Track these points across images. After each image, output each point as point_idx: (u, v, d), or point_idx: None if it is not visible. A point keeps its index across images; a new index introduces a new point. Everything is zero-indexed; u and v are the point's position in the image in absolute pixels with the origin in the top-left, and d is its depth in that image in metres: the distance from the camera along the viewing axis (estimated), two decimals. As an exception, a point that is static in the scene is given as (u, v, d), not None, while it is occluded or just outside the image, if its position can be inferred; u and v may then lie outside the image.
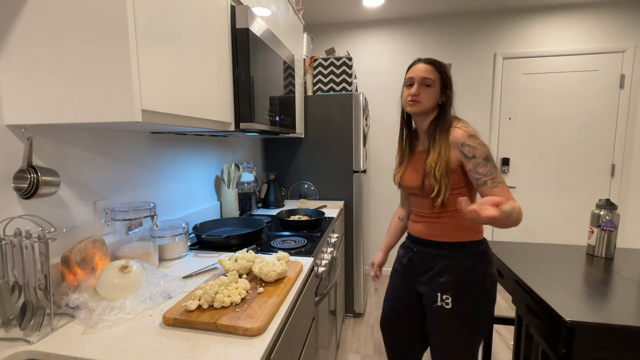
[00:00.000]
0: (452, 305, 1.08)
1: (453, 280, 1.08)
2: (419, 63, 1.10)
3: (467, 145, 1.01)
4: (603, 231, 1.33)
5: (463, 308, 1.07)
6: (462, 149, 1.02)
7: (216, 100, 1.04)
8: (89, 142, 0.99)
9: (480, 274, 1.08)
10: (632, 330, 0.87)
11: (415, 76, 1.08)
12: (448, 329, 1.09)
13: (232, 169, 1.77)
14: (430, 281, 1.12)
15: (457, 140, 1.03)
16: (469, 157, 1.01)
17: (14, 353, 0.65)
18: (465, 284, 1.07)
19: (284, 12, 1.80)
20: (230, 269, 0.98)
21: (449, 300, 1.08)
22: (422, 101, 1.07)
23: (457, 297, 1.07)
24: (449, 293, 1.08)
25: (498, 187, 0.98)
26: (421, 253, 1.17)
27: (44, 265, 0.72)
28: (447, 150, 1.03)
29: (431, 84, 1.07)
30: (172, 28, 0.81)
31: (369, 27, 3.02)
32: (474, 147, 1.01)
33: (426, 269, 1.15)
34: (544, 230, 2.96)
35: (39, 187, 0.77)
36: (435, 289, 1.11)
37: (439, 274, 1.11)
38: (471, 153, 1.01)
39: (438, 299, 1.10)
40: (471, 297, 1.07)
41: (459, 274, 1.08)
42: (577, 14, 2.71)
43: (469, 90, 2.93)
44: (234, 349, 0.65)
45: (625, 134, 2.72)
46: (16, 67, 0.73)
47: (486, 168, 0.99)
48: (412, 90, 1.08)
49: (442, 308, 1.09)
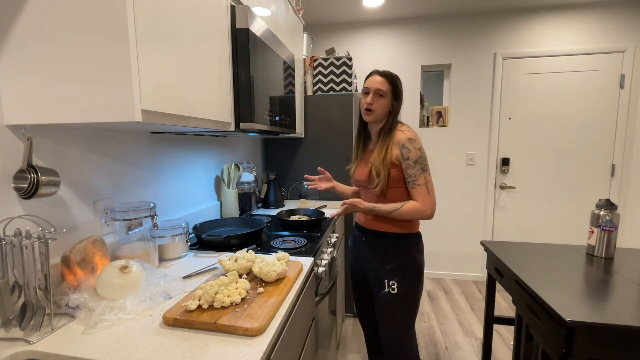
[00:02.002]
0: (397, 291, 1.24)
1: (398, 266, 1.24)
2: (375, 75, 1.24)
3: (405, 147, 1.19)
4: (603, 231, 1.33)
5: (406, 291, 1.25)
6: (401, 150, 1.19)
7: (216, 100, 1.04)
8: (89, 142, 0.99)
9: (418, 262, 1.26)
10: (632, 330, 0.87)
11: (370, 87, 1.23)
12: (394, 311, 1.26)
13: (232, 169, 1.77)
14: (377, 269, 1.28)
15: (399, 141, 1.20)
16: (405, 158, 1.19)
17: (14, 353, 0.65)
18: (407, 271, 1.24)
19: (284, 12, 1.80)
20: (230, 269, 0.98)
21: (394, 285, 1.24)
22: (375, 110, 1.23)
23: (402, 283, 1.24)
24: (395, 279, 1.24)
25: (415, 188, 1.20)
26: (368, 242, 1.32)
27: (44, 265, 0.72)
28: (390, 147, 1.21)
29: (384, 95, 1.22)
30: (172, 28, 0.81)
31: (369, 27, 3.02)
32: (409, 149, 1.18)
33: (373, 257, 1.30)
34: (544, 230, 2.96)
35: (39, 187, 0.77)
36: (382, 276, 1.26)
37: (385, 262, 1.26)
38: (406, 155, 1.19)
39: (385, 285, 1.25)
40: (412, 282, 1.25)
41: (402, 262, 1.24)
42: (577, 14, 2.71)
43: (469, 90, 2.93)
44: (234, 349, 0.65)
45: (625, 134, 2.72)
46: (16, 67, 0.73)
47: (413, 170, 1.18)
48: (367, 99, 1.23)
49: (389, 294, 1.25)
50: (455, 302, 2.69)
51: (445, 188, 3.07)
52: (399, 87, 1.25)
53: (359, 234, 1.37)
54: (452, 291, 2.90)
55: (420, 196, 1.19)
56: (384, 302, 1.27)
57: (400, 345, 1.28)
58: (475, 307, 2.62)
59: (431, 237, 3.15)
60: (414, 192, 1.20)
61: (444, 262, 3.16)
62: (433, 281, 3.11)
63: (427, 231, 3.14)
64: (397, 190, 1.23)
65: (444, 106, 3.04)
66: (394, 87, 1.24)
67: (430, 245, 3.16)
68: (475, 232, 3.07)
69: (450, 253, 3.14)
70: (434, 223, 3.13)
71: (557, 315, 0.93)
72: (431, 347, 2.10)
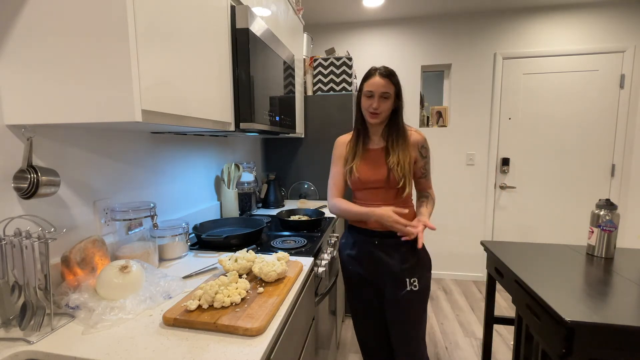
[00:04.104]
0: (419, 287, 1.22)
1: (416, 263, 1.23)
2: (377, 76, 1.21)
3: (424, 147, 1.29)
4: (603, 231, 1.33)
5: (426, 284, 1.25)
6: (420, 150, 1.27)
7: (216, 100, 1.04)
8: (89, 142, 0.99)
9: (428, 254, 1.29)
10: (632, 330, 0.87)
11: (374, 90, 1.20)
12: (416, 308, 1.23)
13: (232, 169, 1.77)
14: (394, 270, 1.24)
15: (418, 142, 1.27)
16: (424, 156, 1.28)
17: (14, 353, 0.65)
18: (424, 265, 1.25)
19: (284, 12, 1.80)
20: (230, 269, 0.98)
21: (415, 282, 1.22)
22: (382, 112, 1.22)
23: (422, 278, 1.23)
24: (416, 275, 1.23)
25: (426, 178, 1.32)
26: (382, 245, 1.26)
27: (44, 265, 0.72)
28: (409, 149, 1.25)
29: (388, 97, 1.21)
30: (172, 28, 0.81)
31: (369, 27, 3.02)
32: (427, 148, 1.30)
33: (390, 258, 1.25)
34: (544, 230, 2.96)
35: (39, 187, 0.77)
36: (402, 276, 1.23)
37: (404, 260, 1.24)
38: (425, 154, 1.29)
39: (407, 284, 1.22)
40: (428, 274, 1.27)
41: (418, 257, 1.25)
42: (577, 14, 2.71)
43: (469, 90, 2.93)
44: (234, 349, 0.65)
45: (625, 134, 2.72)
46: (16, 67, 0.73)
47: (429, 165, 1.32)
48: (373, 103, 1.21)
49: (411, 292, 1.22)
50: (455, 302, 2.69)
51: (445, 188, 3.07)
52: (399, 84, 1.25)
53: (367, 239, 1.28)
54: (452, 291, 2.89)
55: (429, 183, 1.33)
56: (404, 301, 1.22)
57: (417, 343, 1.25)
58: (475, 307, 2.62)
59: (431, 237, 3.15)
60: (425, 181, 1.32)
61: (444, 262, 3.15)
62: (433, 281, 3.11)
63: (427, 231, 3.14)
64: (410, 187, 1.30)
65: (444, 106, 3.04)
66: (397, 86, 1.23)
67: (430, 245, 3.16)
68: (475, 232, 3.07)
69: (450, 253, 3.14)
70: (434, 223, 3.13)
71: (557, 315, 0.93)
72: (431, 347, 2.10)
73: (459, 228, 3.09)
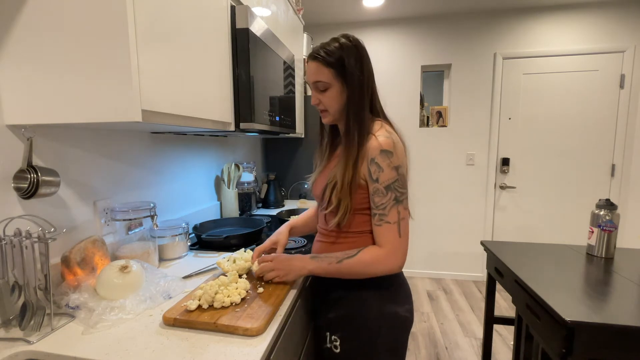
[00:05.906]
0: (340, 349, 0.86)
1: (343, 315, 0.87)
2: (309, 62, 0.86)
3: (375, 163, 0.79)
4: (603, 231, 1.33)
5: (352, 354, 0.86)
6: (370, 165, 0.80)
7: (216, 100, 1.04)
8: (89, 142, 0.99)
9: (377, 311, 0.84)
10: (632, 330, 0.87)
11: (308, 81, 0.88)
12: None
13: (232, 169, 1.77)
14: (319, 316, 0.95)
15: (368, 152, 0.80)
16: (373, 179, 0.80)
17: (14, 353, 0.65)
18: (355, 323, 0.85)
19: (284, 12, 1.80)
20: (228, 270, 0.97)
21: (337, 342, 0.87)
22: (328, 109, 0.87)
23: (347, 340, 0.86)
24: (339, 333, 0.87)
25: (382, 226, 0.79)
26: (316, 278, 0.95)
27: (44, 265, 0.72)
28: (354, 163, 0.81)
29: (327, 86, 0.85)
30: (172, 28, 0.81)
31: (369, 27, 3.02)
32: (381, 168, 0.78)
33: (319, 299, 0.97)
34: (544, 230, 2.96)
35: (39, 187, 0.77)
36: (322, 326, 0.93)
37: (329, 308, 0.91)
38: (375, 175, 0.79)
39: (327, 340, 0.90)
40: (362, 340, 0.84)
41: (350, 309, 0.86)
42: (577, 14, 2.71)
43: (469, 90, 2.93)
44: (234, 349, 0.65)
45: (625, 134, 2.72)
46: (16, 67, 0.73)
47: (383, 199, 0.79)
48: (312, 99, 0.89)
49: (331, 351, 0.88)
50: (455, 302, 2.69)
51: (445, 188, 3.07)
52: (345, 62, 0.82)
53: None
54: (452, 291, 2.90)
55: (386, 239, 0.79)
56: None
57: None
58: (475, 307, 2.62)
59: (431, 237, 3.15)
60: (379, 231, 0.80)
61: (444, 262, 3.16)
62: (433, 281, 3.11)
63: (427, 231, 3.14)
64: (360, 217, 0.85)
65: (444, 106, 3.04)
66: (338, 66, 0.83)
67: (430, 245, 3.16)
68: (475, 232, 3.07)
69: (450, 253, 3.14)
70: (434, 223, 3.13)
71: (557, 315, 0.93)
72: (431, 347, 2.10)
73: (459, 228, 3.09)
